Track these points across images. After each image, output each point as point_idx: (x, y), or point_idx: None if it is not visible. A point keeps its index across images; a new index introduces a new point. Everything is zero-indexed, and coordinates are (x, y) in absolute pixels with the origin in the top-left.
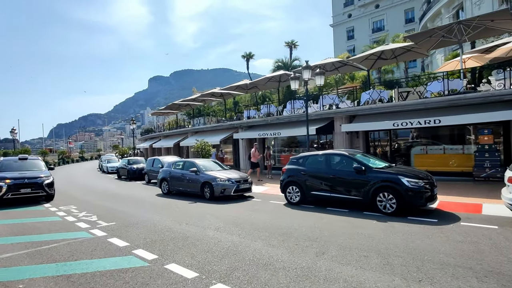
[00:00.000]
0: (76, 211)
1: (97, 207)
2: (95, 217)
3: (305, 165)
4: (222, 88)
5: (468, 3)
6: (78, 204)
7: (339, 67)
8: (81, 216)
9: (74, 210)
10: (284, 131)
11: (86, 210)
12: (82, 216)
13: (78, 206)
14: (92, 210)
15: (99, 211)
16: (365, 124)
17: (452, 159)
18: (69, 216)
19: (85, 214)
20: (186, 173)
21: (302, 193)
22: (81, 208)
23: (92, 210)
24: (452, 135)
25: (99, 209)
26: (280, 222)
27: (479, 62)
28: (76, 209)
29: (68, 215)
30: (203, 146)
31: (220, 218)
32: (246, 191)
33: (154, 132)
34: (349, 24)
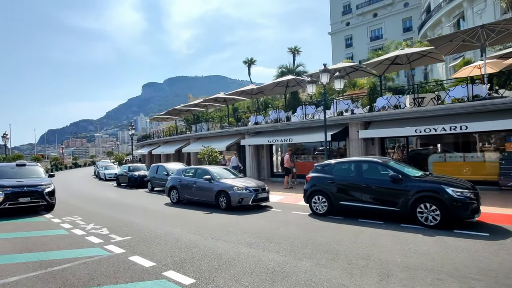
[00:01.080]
0: (83, 223)
1: (104, 218)
2: (106, 230)
3: (332, 173)
4: (226, 93)
5: (469, 12)
6: (82, 214)
7: (350, 73)
8: (89, 228)
9: (80, 221)
10: (296, 137)
11: (94, 222)
12: (91, 228)
13: (83, 217)
14: (100, 221)
15: (108, 222)
16: (385, 131)
17: (473, 167)
18: (76, 229)
19: (94, 227)
20: (199, 181)
21: (329, 203)
22: (87, 219)
23: (100, 222)
24: (462, 143)
25: (108, 220)
26: (316, 236)
27: (494, 68)
28: (81, 221)
29: (74, 228)
30: (210, 152)
31: (247, 231)
32: (264, 201)
33: (152, 138)
34: (347, 32)
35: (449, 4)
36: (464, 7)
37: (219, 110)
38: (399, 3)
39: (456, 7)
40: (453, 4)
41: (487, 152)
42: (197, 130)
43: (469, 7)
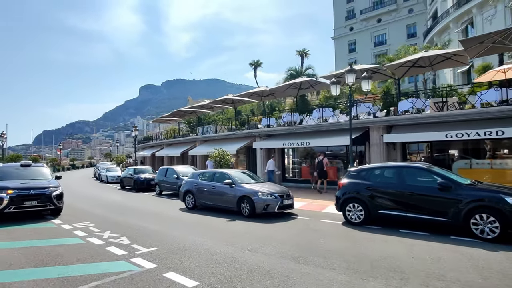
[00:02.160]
0: (97, 230)
1: (119, 225)
2: (126, 239)
3: (370, 179)
4: (236, 95)
5: (478, 18)
6: (94, 220)
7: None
8: (106, 237)
9: (93, 228)
10: (314, 141)
11: (110, 229)
12: (108, 237)
13: (95, 223)
14: (116, 229)
15: (126, 230)
16: (413, 135)
17: (501, 174)
18: (92, 237)
19: (111, 235)
20: (218, 186)
21: (366, 211)
22: (100, 226)
23: (117, 229)
24: (472, 149)
25: (124, 227)
26: (365, 249)
27: None
28: (95, 227)
29: (90, 236)
30: (222, 155)
31: (283, 242)
32: (289, 208)
33: (155, 140)
34: (351, 37)
35: (458, 10)
36: (474, 13)
37: (221, 113)
38: (404, 9)
39: (465, 13)
40: (462, 10)
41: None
42: (204, 132)
43: (479, 13)
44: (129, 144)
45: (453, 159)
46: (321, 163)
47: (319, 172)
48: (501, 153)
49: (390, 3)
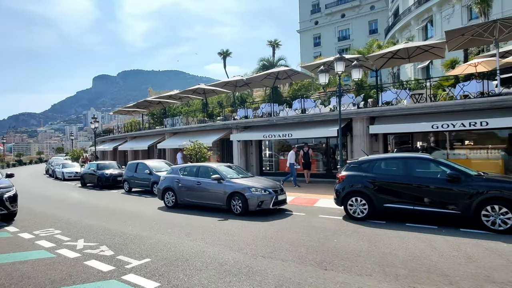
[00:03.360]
0: (67, 239)
1: (94, 231)
2: (108, 249)
3: (373, 171)
4: (208, 85)
5: (438, 16)
6: (60, 225)
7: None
8: (81, 247)
9: (62, 236)
10: (296, 133)
11: (83, 237)
12: (84, 247)
13: (62, 229)
14: (91, 236)
15: (103, 237)
16: (399, 126)
17: (477, 164)
18: (63, 249)
19: (87, 244)
20: (204, 182)
21: (370, 205)
22: (70, 233)
23: (92, 236)
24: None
25: (100, 233)
26: (386, 248)
27: (487, 66)
28: (63, 235)
29: (59, 247)
30: (198, 148)
31: (296, 244)
32: (283, 203)
33: (116, 133)
34: (316, 31)
35: (419, 8)
36: (433, 11)
37: (186, 104)
38: (366, 6)
39: (425, 11)
40: (422, 8)
41: (491, 150)
42: (173, 124)
43: (438, 11)
44: (82, 138)
45: (427, 150)
46: (308, 154)
47: (305, 163)
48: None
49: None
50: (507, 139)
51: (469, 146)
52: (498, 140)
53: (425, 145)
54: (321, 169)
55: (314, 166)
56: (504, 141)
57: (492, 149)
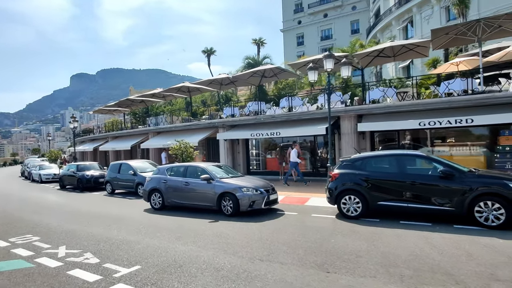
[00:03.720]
0: (47, 246)
1: (76, 236)
2: (93, 257)
3: (366, 169)
4: (194, 83)
5: (418, 17)
6: (38, 231)
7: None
8: (64, 255)
9: (41, 243)
10: (284, 131)
11: (64, 243)
12: (67, 255)
13: (41, 235)
14: (73, 242)
15: (87, 243)
16: (387, 124)
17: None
18: (43, 257)
19: (70, 252)
20: (193, 182)
21: (364, 204)
22: (50, 240)
23: (74, 243)
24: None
25: (83, 239)
26: (385, 247)
27: (468, 65)
28: (42, 242)
29: (38, 255)
30: (184, 148)
31: (292, 246)
32: (274, 203)
33: (96, 133)
34: (299, 31)
35: (399, 9)
36: (413, 12)
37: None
38: (348, 6)
39: (405, 12)
40: (403, 9)
41: (472, 147)
42: (157, 123)
43: (418, 12)
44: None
45: (409, 147)
46: (296, 152)
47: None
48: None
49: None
50: (488, 136)
51: (451, 143)
52: (480, 137)
53: (409, 143)
54: (308, 168)
55: (300, 165)
56: (485, 138)
57: (474, 146)
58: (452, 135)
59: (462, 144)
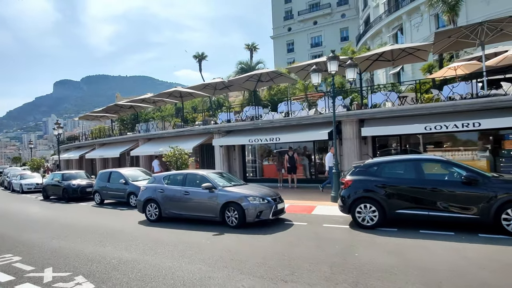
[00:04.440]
0: (30, 268)
1: (64, 256)
2: (86, 281)
3: (381, 175)
4: (186, 87)
5: (407, 24)
6: (19, 249)
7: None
8: (50, 280)
9: (22, 265)
10: (284, 136)
11: (51, 264)
12: (54, 279)
13: (22, 254)
14: (62, 263)
15: (78, 264)
16: (392, 128)
17: None
18: (26, 284)
19: (57, 275)
20: (193, 191)
21: (381, 212)
22: (33, 260)
23: (63, 264)
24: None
25: (72, 258)
26: (418, 262)
27: (465, 70)
28: (24, 263)
29: (20, 280)
30: (179, 155)
31: (314, 262)
32: (282, 213)
33: (81, 141)
34: (289, 38)
35: (389, 16)
36: (403, 19)
37: (157, 110)
38: (337, 14)
39: (395, 20)
40: (392, 16)
41: (474, 151)
42: (148, 129)
43: (408, 20)
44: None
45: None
46: (293, 158)
47: (290, 167)
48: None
49: (325, 7)
50: (491, 140)
51: (454, 148)
52: (476, 142)
53: (407, 148)
54: (307, 174)
55: (298, 171)
56: (486, 142)
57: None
58: (445, 140)
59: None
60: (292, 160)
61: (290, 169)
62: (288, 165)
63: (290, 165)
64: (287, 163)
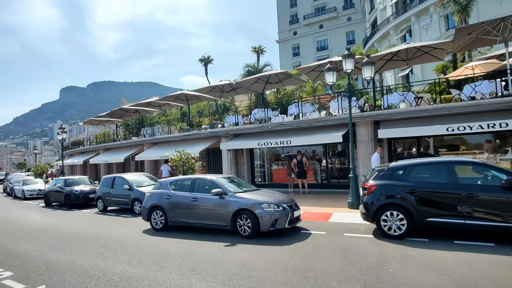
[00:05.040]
0: (21, 286)
1: (61, 271)
2: None
3: (409, 179)
4: (193, 90)
5: (416, 26)
6: (11, 263)
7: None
8: None
9: (13, 282)
10: (296, 139)
11: (45, 282)
12: None
13: (14, 269)
14: (57, 280)
15: (76, 281)
16: (411, 130)
17: None
18: None
19: None
20: (202, 197)
21: (409, 220)
22: (26, 276)
23: (59, 281)
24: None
25: (70, 274)
26: (464, 281)
27: (483, 69)
28: (15, 280)
29: None
30: (186, 159)
31: (344, 279)
32: (298, 221)
33: (86, 145)
34: (294, 41)
35: (397, 18)
36: (412, 21)
37: (162, 114)
38: (343, 17)
39: (403, 21)
40: (401, 18)
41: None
42: (153, 133)
43: (416, 21)
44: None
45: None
46: (301, 162)
47: (299, 172)
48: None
49: (330, 11)
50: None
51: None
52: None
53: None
54: (318, 179)
55: (309, 176)
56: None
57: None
58: (459, 142)
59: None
60: (300, 165)
61: (299, 173)
62: (296, 169)
63: (298, 169)
64: (295, 167)
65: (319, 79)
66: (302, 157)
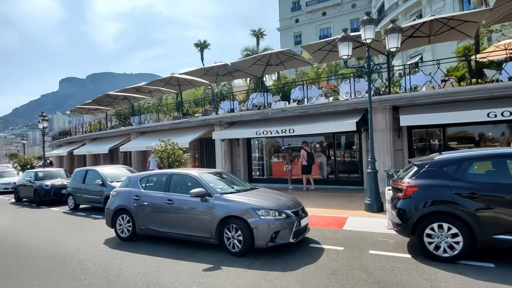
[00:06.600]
0: None
1: None
2: None
3: (467, 179)
4: (183, 73)
5: (428, 10)
6: None
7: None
8: None
9: None
10: (300, 128)
11: None
12: None
13: None
14: None
15: None
16: (441, 115)
17: None
18: None
19: None
20: (180, 199)
21: (467, 236)
22: None
23: None
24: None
25: None
26: None
27: None
28: None
29: None
30: (171, 150)
31: None
32: (306, 231)
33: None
34: (296, 29)
35: (407, 2)
36: (423, 5)
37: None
38: (347, 4)
39: (414, 5)
40: (411, 2)
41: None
42: (141, 122)
43: (428, 5)
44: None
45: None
46: (312, 155)
47: (307, 166)
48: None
49: None
50: None
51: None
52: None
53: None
54: (324, 174)
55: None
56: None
57: None
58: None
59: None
60: (310, 157)
61: (306, 168)
62: (305, 163)
63: (308, 163)
64: (304, 160)
65: (325, 61)
66: (311, 149)
